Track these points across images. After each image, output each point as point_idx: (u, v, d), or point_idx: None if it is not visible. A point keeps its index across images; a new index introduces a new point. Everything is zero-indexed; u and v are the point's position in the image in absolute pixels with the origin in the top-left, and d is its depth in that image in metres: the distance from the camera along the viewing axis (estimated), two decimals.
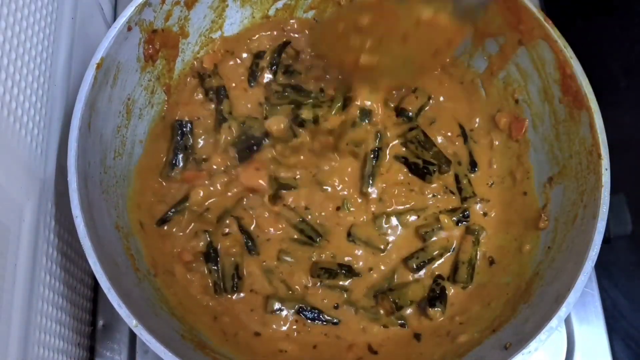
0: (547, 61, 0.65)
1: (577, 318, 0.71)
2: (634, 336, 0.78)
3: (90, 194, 0.57)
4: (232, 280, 0.66)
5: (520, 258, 0.66)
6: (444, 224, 0.69)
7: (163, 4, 0.65)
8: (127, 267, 0.59)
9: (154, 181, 0.69)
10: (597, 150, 0.60)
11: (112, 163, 0.63)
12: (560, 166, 0.66)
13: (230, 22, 0.74)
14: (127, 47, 0.63)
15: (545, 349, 0.67)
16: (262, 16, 0.76)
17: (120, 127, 0.65)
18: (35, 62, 0.56)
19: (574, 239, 0.60)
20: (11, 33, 0.52)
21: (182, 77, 0.73)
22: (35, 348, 0.54)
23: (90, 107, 0.58)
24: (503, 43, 0.70)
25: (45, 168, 0.59)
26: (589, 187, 0.60)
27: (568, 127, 0.65)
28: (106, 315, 0.70)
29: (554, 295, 0.56)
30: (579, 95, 0.62)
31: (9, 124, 0.51)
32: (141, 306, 0.56)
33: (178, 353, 0.51)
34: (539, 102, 0.68)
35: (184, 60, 0.72)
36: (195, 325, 0.62)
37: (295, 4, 0.76)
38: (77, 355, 0.65)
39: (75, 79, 0.65)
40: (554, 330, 0.53)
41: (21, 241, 0.53)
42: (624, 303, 0.79)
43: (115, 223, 0.61)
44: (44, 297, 0.57)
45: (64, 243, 0.62)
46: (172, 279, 0.65)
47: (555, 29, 0.64)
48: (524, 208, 0.69)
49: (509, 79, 0.71)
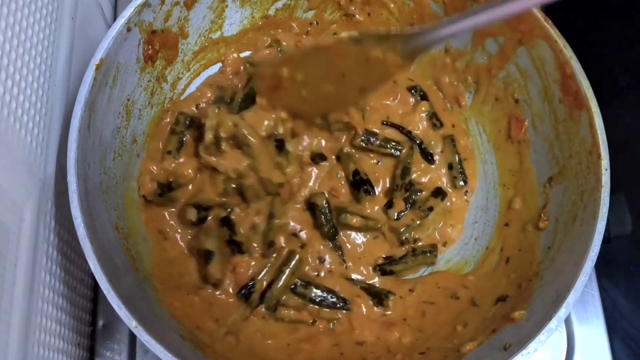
0: (547, 61, 0.65)
1: (577, 318, 0.71)
2: (634, 336, 0.78)
3: (90, 195, 0.57)
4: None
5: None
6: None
7: (162, 5, 0.65)
8: (127, 268, 0.59)
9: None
10: (597, 150, 0.60)
11: (111, 164, 0.63)
12: (560, 166, 0.66)
13: (229, 23, 0.74)
14: (126, 48, 0.63)
15: (545, 349, 0.67)
16: (262, 16, 0.76)
17: (120, 127, 0.65)
18: (35, 62, 0.56)
19: (574, 239, 0.60)
20: (11, 33, 0.52)
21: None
22: (35, 348, 0.54)
23: (89, 108, 0.58)
24: (503, 43, 0.70)
25: (45, 168, 0.59)
26: (589, 187, 0.60)
27: (568, 127, 0.65)
28: (106, 315, 0.70)
29: (554, 295, 0.56)
30: (579, 95, 0.62)
31: (9, 124, 0.51)
32: (141, 307, 0.56)
33: (178, 354, 0.51)
34: (539, 102, 0.68)
35: (183, 61, 0.72)
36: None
37: (295, 4, 0.76)
38: (77, 355, 0.65)
39: (75, 80, 0.65)
40: (553, 330, 0.53)
41: (21, 241, 0.53)
42: (624, 303, 0.79)
43: (115, 224, 0.61)
44: (44, 297, 0.57)
45: (64, 243, 0.62)
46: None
47: (555, 29, 0.64)
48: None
49: (509, 79, 0.71)
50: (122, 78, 0.64)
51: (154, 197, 0.68)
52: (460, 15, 0.54)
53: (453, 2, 0.71)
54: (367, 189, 0.71)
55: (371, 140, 0.73)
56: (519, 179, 0.71)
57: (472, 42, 0.73)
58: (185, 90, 0.74)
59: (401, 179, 0.72)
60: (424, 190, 0.73)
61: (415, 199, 0.72)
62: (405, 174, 0.73)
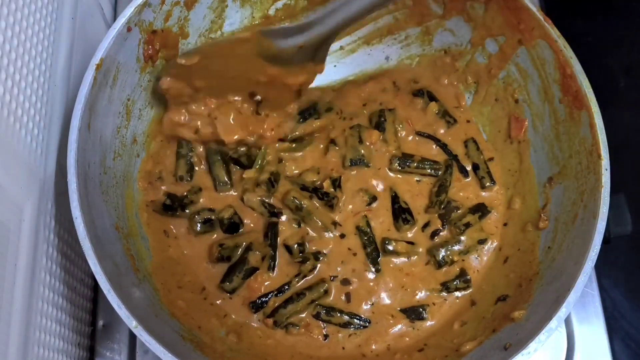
0: (547, 61, 0.65)
1: (577, 318, 0.71)
2: (634, 336, 0.78)
3: (90, 195, 0.57)
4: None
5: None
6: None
7: (163, 5, 0.65)
8: (127, 267, 0.59)
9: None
10: (597, 150, 0.60)
11: (111, 164, 0.63)
12: (560, 166, 0.66)
13: (229, 23, 0.74)
14: (126, 48, 0.63)
15: (545, 349, 0.67)
16: (262, 16, 0.76)
17: (120, 127, 0.65)
18: (35, 62, 0.56)
19: (574, 239, 0.60)
20: (11, 33, 0.51)
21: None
22: (35, 348, 0.54)
23: (89, 108, 0.58)
24: (503, 43, 0.70)
25: (45, 168, 0.58)
26: (589, 187, 0.60)
27: (568, 127, 0.65)
28: (106, 316, 0.70)
29: (554, 295, 0.56)
30: (579, 95, 0.62)
31: (9, 124, 0.51)
32: (141, 307, 0.56)
33: (178, 354, 0.51)
34: (539, 102, 0.68)
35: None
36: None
37: (295, 3, 0.76)
38: (77, 355, 0.65)
39: (75, 79, 0.65)
40: (553, 330, 0.53)
41: (21, 241, 0.53)
42: (624, 303, 0.79)
43: (115, 224, 0.61)
44: (44, 297, 0.57)
45: (64, 243, 0.62)
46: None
47: (555, 29, 0.64)
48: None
49: (509, 79, 0.71)
50: (122, 78, 0.64)
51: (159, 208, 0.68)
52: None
53: (453, 2, 0.71)
54: (406, 218, 0.70)
55: (407, 164, 0.72)
56: (519, 179, 0.71)
57: (472, 42, 0.73)
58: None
59: (436, 197, 0.71)
60: (461, 207, 0.71)
61: (452, 217, 0.71)
62: (441, 191, 0.71)
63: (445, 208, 0.71)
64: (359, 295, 0.67)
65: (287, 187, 0.70)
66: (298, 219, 0.70)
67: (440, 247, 0.69)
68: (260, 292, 0.66)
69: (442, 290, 0.68)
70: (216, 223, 0.68)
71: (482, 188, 0.72)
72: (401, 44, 0.78)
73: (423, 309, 0.67)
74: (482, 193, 0.72)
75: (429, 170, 0.72)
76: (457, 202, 0.71)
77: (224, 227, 0.68)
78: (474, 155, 0.73)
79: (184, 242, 0.68)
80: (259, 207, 0.70)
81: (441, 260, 0.68)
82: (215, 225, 0.68)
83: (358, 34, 0.78)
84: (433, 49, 0.77)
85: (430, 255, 0.69)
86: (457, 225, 0.70)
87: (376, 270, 0.68)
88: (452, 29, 0.74)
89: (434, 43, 0.76)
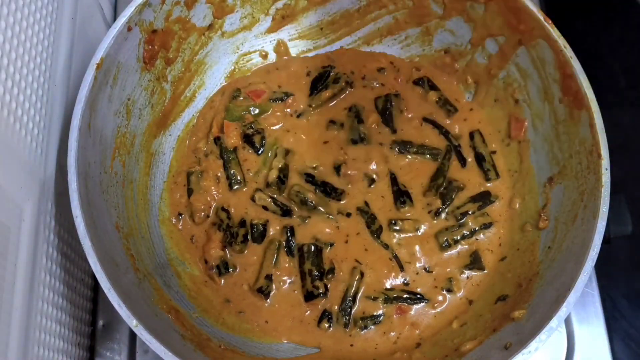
0: (547, 61, 0.65)
1: (577, 318, 0.71)
2: (634, 336, 0.78)
3: (90, 194, 0.57)
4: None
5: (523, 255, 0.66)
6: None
7: (163, 4, 0.65)
8: (127, 267, 0.59)
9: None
10: (597, 150, 0.60)
11: (111, 163, 0.63)
12: (560, 166, 0.66)
13: (230, 22, 0.74)
14: (127, 47, 0.63)
15: (545, 349, 0.67)
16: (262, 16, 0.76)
17: (120, 127, 0.65)
18: (35, 62, 0.56)
19: (574, 239, 0.60)
20: (11, 33, 0.52)
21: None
22: (35, 348, 0.54)
23: (90, 107, 0.58)
24: (503, 43, 0.70)
25: (45, 168, 0.59)
26: (589, 187, 0.60)
27: (568, 127, 0.65)
28: (106, 315, 0.70)
29: (554, 295, 0.56)
30: (579, 95, 0.62)
31: (9, 124, 0.51)
32: (141, 306, 0.56)
33: (178, 353, 0.51)
34: (539, 102, 0.68)
35: (184, 61, 0.72)
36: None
37: (295, 3, 0.76)
38: (77, 355, 0.65)
39: (75, 79, 0.65)
40: (554, 330, 0.53)
41: (21, 241, 0.53)
42: (624, 303, 0.79)
43: (116, 223, 0.61)
44: (44, 297, 0.57)
45: (64, 243, 0.62)
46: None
47: (555, 29, 0.64)
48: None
49: (509, 79, 0.71)
50: (123, 77, 0.64)
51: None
52: None
53: (453, 2, 0.71)
54: (403, 200, 0.71)
55: (407, 148, 0.73)
56: (519, 179, 0.71)
57: (472, 42, 0.73)
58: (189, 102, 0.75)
59: (433, 181, 0.72)
60: (460, 191, 0.72)
61: (450, 201, 0.71)
62: (438, 175, 0.72)
63: (446, 188, 0.72)
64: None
65: (294, 180, 0.72)
66: (305, 216, 0.70)
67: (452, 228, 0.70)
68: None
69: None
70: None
71: (487, 181, 0.72)
72: (401, 44, 0.78)
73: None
74: (487, 184, 0.73)
75: (428, 155, 0.73)
76: (459, 182, 0.72)
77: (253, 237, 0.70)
78: (480, 147, 0.74)
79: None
80: (271, 206, 0.71)
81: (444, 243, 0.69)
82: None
83: (358, 34, 0.78)
84: (433, 49, 0.77)
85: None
86: (454, 214, 0.71)
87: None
88: (452, 29, 0.74)
89: (434, 43, 0.76)
